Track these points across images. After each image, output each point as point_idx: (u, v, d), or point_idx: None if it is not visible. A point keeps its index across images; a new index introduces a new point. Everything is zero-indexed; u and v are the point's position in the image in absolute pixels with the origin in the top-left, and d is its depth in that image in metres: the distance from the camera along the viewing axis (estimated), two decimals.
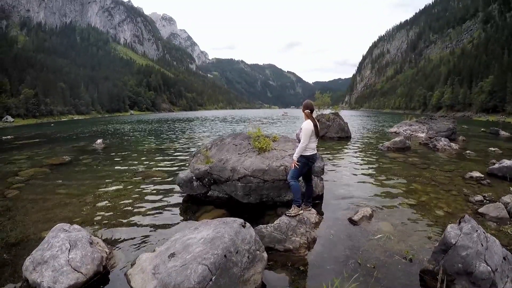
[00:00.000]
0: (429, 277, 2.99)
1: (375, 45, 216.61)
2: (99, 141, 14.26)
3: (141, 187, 6.56)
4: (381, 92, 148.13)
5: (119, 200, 5.67)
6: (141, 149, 12.68)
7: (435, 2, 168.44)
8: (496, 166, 7.31)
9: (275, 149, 5.60)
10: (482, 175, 6.88)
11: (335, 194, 5.85)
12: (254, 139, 5.69)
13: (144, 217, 4.82)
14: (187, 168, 6.15)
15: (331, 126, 15.50)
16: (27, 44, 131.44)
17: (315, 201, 5.15)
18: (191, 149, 12.14)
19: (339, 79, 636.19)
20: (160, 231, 4.28)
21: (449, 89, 68.42)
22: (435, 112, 68.11)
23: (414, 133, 17.27)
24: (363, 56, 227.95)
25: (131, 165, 9.08)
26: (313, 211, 4.56)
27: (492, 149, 11.20)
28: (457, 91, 63.95)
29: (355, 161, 9.28)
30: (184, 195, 5.79)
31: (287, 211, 4.06)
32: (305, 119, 4.22)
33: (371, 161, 9.37)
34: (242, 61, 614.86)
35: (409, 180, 6.88)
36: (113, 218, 4.78)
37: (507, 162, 7.16)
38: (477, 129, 22.72)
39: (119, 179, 7.30)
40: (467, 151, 10.62)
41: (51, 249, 3.08)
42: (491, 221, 4.47)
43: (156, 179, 7.20)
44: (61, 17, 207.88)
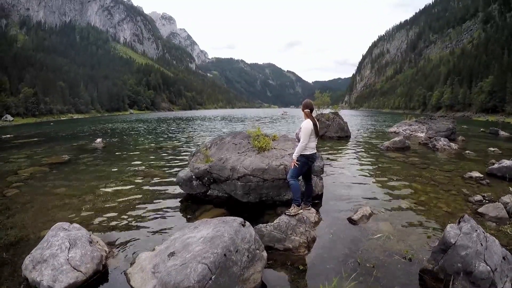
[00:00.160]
0: (428, 277, 2.99)
1: (375, 44, 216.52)
2: (98, 140, 14.25)
3: (141, 186, 6.56)
4: (381, 91, 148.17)
5: (118, 199, 5.67)
6: (140, 148, 12.68)
7: (435, 2, 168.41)
8: (495, 166, 7.31)
9: (275, 148, 5.60)
10: (481, 175, 6.89)
11: (335, 193, 5.86)
12: (253, 138, 5.69)
13: (143, 216, 4.82)
14: (187, 167, 6.15)
15: (330, 125, 15.50)
16: (27, 43, 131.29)
17: (315, 200, 5.15)
18: (190, 148, 12.14)
19: (339, 79, 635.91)
20: (159, 230, 4.28)
21: (448, 89, 68.46)
22: (434, 112, 68.16)
23: (413, 133, 17.28)
24: (363, 55, 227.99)
25: (130, 164, 9.08)
26: (313, 210, 4.56)
27: (491, 149, 11.21)
28: (457, 91, 64.00)
29: (354, 161, 9.29)
30: (183, 194, 5.79)
31: (287, 210, 4.06)
32: (305, 119, 4.22)
33: (371, 161, 9.38)
34: (241, 61, 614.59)
35: (408, 179, 6.88)
36: (112, 217, 4.77)
37: (506, 162, 7.16)
38: (476, 129, 22.75)
39: (118, 178, 7.30)
40: (467, 151, 10.63)
41: (50, 248, 3.08)
42: (490, 221, 4.48)
43: (155, 178, 7.20)
44: (60, 16, 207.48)
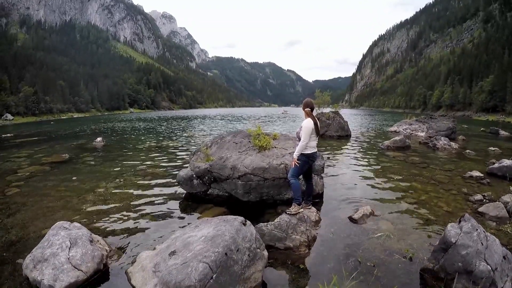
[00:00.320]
0: (429, 276, 2.99)
1: (375, 44, 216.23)
2: (99, 139, 14.25)
3: (141, 185, 6.56)
4: (381, 91, 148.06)
5: (119, 198, 5.67)
6: (141, 147, 12.68)
7: (436, 1, 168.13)
8: (495, 165, 7.31)
9: (276, 147, 5.60)
10: (481, 175, 6.89)
11: (335, 192, 5.86)
12: (254, 137, 5.68)
13: (144, 215, 4.82)
14: (187, 166, 6.15)
15: (331, 124, 15.50)
16: (27, 42, 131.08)
17: (315, 199, 5.16)
18: (191, 147, 12.14)
19: (339, 78, 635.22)
20: (160, 229, 4.28)
21: (449, 89, 68.40)
22: (435, 111, 68.11)
23: (414, 132, 17.28)
24: (363, 55, 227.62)
25: (131, 163, 9.08)
26: (313, 209, 4.56)
27: (492, 148, 11.21)
28: (457, 91, 63.94)
29: (355, 160, 9.28)
30: (184, 193, 5.79)
31: (288, 209, 4.06)
32: (306, 118, 4.21)
33: (371, 160, 9.38)
34: (242, 60, 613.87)
35: (409, 179, 6.88)
36: (113, 216, 4.78)
37: (506, 161, 7.17)
38: (477, 129, 22.75)
39: (119, 177, 7.30)
40: (467, 151, 10.63)
41: (51, 247, 3.08)
42: (490, 220, 4.48)
43: (156, 177, 7.20)
44: (60, 15, 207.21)
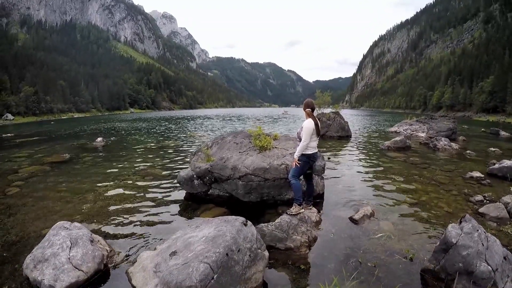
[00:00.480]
0: (429, 276, 2.99)
1: (375, 44, 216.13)
2: (99, 139, 14.26)
3: (142, 185, 6.56)
4: (382, 91, 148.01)
5: (119, 198, 5.67)
6: (141, 147, 12.68)
7: (436, 1, 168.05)
8: (496, 166, 7.31)
9: (276, 147, 5.60)
10: (482, 175, 6.89)
11: (336, 193, 5.86)
12: (255, 138, 5.68)
13: (144, 215, 4.82)
14: (188, 166, 6.15)
15: (331, 125, 15.49)
16: (27, 42, 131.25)
17: (316, 200, 5.15)
18: (191, 148, 12.14)
19: (340, 78, 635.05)
20: (161, 229, 4.28)
21: (449, 89, 68.36)
22: (435, 111, 68.09)
23: (414, 132, 17.26)
24: (363, 55, 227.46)
25: (131, 163, 9.08)
26: (314, 210, 4.56)
27: (492, 149, 11.20)
28: (458, 91, 63.89)
29: (355, 160, 9.28)
30: (184, 193, 5.79)
31: (288, 210, 4.07)
32: (306, 118, 4.21)
33: (372, 160, 9.38)
34: (242, 60, 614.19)
35: (409, 179, 6.88)
36: (113, 216, 4.78)
37: (507, 162, 7.16)
38: (477, 129, 22.72)
39: (119, 177, 7.30)
40: (468, 151, 10.62)
41: (52, 247, 3.08)
42: (491, 221, 4.48)
43: (156, 178, 7.20)
44: (61, 15, 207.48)
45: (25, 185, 6.63)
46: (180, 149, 12.06)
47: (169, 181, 6.87)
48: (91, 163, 9.25)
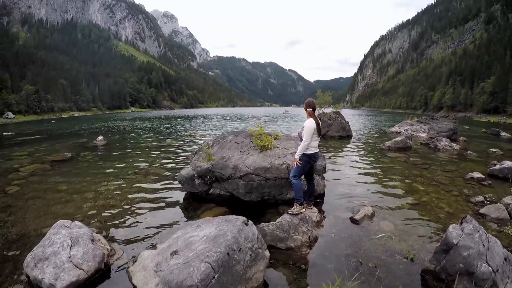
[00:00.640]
0: (430, 277, 2.99)
1: (376, 44, 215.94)
2: (100, 138, 14.26)
3: (142, 184, 6.56)
4: (383, 91, 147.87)
5: (120, 197, 5.68)
6: (142, 146, 12.68)
7: (437, 2, 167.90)
8: (497, 167, 7.30)
9: (277, 147, 5.59)
10: (483, 176, 6.88)
11: (337, 193, 5.85)
12: (256, 137, 5.68)
13: (145, 214, 4.82)
14: (189, 165, 6.15)
15: (332, 125, 15.48)
16: (28, 40, 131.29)
17: (317, 199, 5.15)
18: (192, 147, 12.14)
19: (341, 78, 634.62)
20: (161, 229, 4.28)
21: (450, 90, 68.30)
22: (436, 112, 68.07)
23: (415, 133, 17.24)
24: (364, 55, 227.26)
25: (132, 162, 9.09)
26: (315, 209, 4.56)
27: (493, 150, 11.19)
28: (459, 92, 63.84)
29: (356, 160, 9.27)
30: (185, 192, 5.79)
31: (289, 209, 4.07)
32: (308, 118, 4.21)
33: (372, 161, 9.37)
34: (243, 59, 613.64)
35: (410, 180, 6.87)
36: (114, 215, 4.78)
37: (508, 163, 7.15)
38: (478, 130, 22.69)
39: (120, 176, 7.31)
40: (468, 152, 10.61)
41: (52, 246, 3.08)
42: (492, 222, 4.47)
43: (157, 177, 7.20)
44: (62, 13, 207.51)
45: (26, 184, 6.63)
46: (181, 148, 12.05)
47: (170, 180, 6.87)
48: (92, 162, 9.26)
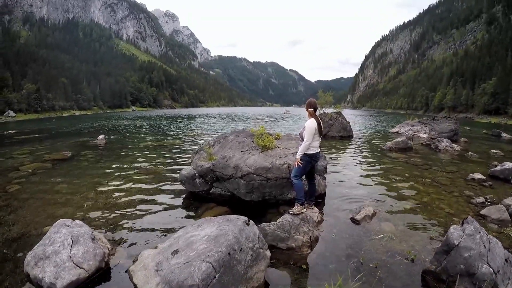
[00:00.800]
0: (431, 278, 2.98)
1: (378, 44, 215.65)
2: (101, 137, 14.26)
3: (143, 183, 6.56)
4: (384, 92, 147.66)
5: (121, 196, 5.68)
6: (143, 146, 12.69)
7: (439, 2, 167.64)
8: (498, 168, 7.28)
9: (278, 147, 5.59)
10: (483, 177, 6.87)
11: (338, 193, 5.85)
12: (257, 137, 5.68)
13: (146, 214, 4.82)
14: (190, 165, 6.15)
15: (333, 125, 15.47)
16: (30, 39, 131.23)
17: (318, 200, 5.15)
18: (193, 146, 12.14)
19: (342, 78, 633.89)
20: (162, 228, 4.28)
21: (451, 90, 68.18)
22: (437, 113, 67.94)
23: (416, 133, 17.22)
24: (366, 55, 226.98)
25: (133, 161, 9.09)
26: (316, 209, 4.55)
27: (494, 151, 11.16)
28: (460, 93, 63.73)
29: (357, 161, 9.27)
30: (186, 192, 5.79)
31: (290, 209, 4.07)
32: (309, 118, 4.21)
33: (373, 161, 9.36)
34: (244, 59, 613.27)
35: (411, 180, 6.86)
36: (115, 214, 4.78)
37: (509, 164, 7.14)
38: (479, 131, 22.65)
39: (121, 175, 7.31)
40: (469, 153, 10.58)
41: (53, 245, 3.08)
42: (492, 223, 4.46)
43: (158, 176, 7.21)
44: (63, 12, 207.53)
45: (26, 183, 6.64)
46: (181, 147, 12.06)
47: (170, 179, 6.87)
48: (93, 161, 9.26)
